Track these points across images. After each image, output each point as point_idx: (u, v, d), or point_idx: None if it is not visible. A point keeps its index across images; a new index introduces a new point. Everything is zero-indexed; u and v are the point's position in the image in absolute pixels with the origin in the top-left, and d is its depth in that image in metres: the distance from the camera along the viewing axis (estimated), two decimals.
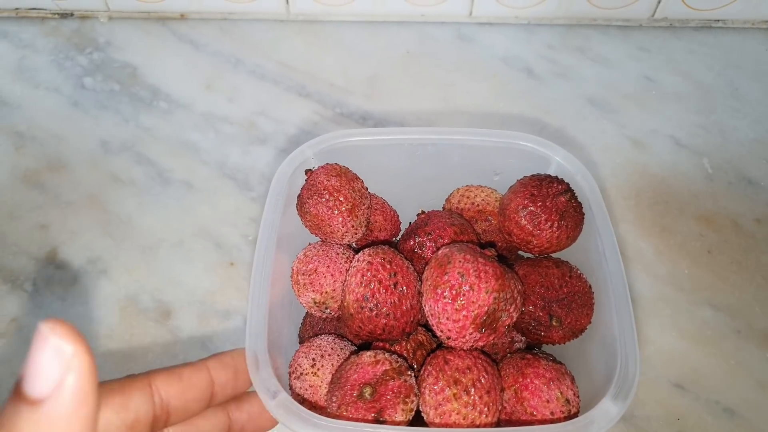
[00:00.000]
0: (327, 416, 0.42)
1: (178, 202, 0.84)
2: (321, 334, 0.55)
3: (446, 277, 0.45)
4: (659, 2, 1.02)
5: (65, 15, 1.05)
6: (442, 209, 0.61)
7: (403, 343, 0.51)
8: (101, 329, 0.73)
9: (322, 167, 0.54)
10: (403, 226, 0.62)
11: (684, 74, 0.99)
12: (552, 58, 1.01)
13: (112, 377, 0.70)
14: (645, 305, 0.76)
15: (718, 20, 1.05)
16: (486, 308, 0.44)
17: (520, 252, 0.60)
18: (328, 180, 0.53)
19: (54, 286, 0.76)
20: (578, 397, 0.47)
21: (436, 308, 0.46)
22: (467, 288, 0.44)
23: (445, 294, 0.45)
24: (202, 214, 0.83)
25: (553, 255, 0.55)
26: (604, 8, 1.03)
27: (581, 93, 0.97)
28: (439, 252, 0.48)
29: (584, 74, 0.99)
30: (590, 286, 0.51)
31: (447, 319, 0.45)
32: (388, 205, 0.61)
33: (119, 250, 0.79)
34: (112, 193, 0.85)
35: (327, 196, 0.52)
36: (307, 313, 0.61)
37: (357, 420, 0.43)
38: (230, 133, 0.91)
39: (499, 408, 0.46)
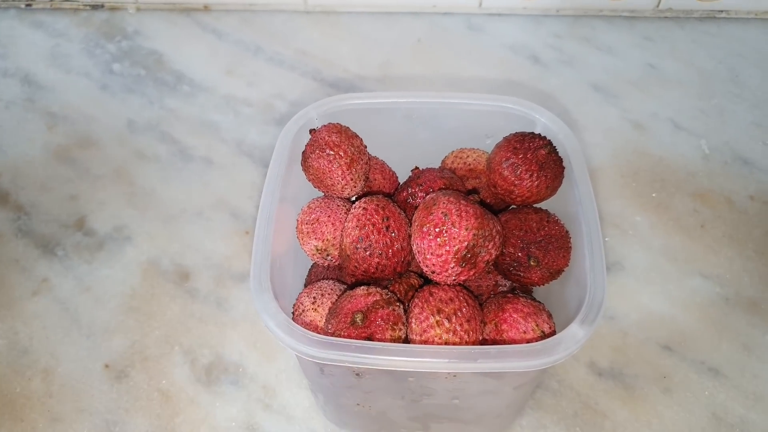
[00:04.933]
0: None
1: (198, 176, 0.90)
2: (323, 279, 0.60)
3: (431, 217, 0.49)
4: None
5: (96, 6, 1.11)
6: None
7: (396, 285, 0.55)
8: (125, 289, 0.78)
9: (325, 126, 0.59)
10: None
11: (686, 62, 1.03)
12: (558, 46, 1.05)
13: (133, 333, 0.75)
14: (638, 274, 0.79)
15: (722, 11, 1.08)
16: (466, 243, 0.48)
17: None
18: (330, 136, 0.57)
19: (82, 250, 0.82)
20: (554, 330, 0.51)
21: (422, 245, 0.50)
22: (449, 225, 0.48)
23: (429, 231, 0.49)
24: (220, 187, 0.88)
25: (535, 206, 0.59)
26: None
27: (585, 79, 1.01)
28: (427, 197, 0.52)
29: (589, 62, 1.03)
30: (567, 231, 0.55)
31: (431, 254, 0.49)
32: (387, 165, 0.66)
33: (143, 219, 0.85)
34: (137, 168, 0.90)
35: (328, 151, 0.57)
36: (312, 265, 0.66)
37: None
38: (249, 114, 0.97)
39: (479, 336, 0.50)
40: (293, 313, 0.56)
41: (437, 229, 0.49)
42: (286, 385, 0.71)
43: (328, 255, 0.59)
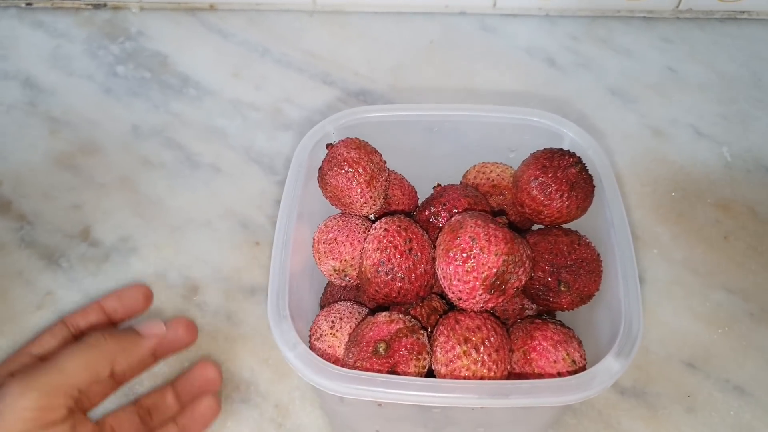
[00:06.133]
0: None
1: (205, 184, 0.87)
2: (340, 301, 0.57)
3: (458, 241, 0.47)
4: None
5: (98, 6, 1.09)
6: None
7: (418, 308, 0.53)
8: None
9: (343, 141, 0.56)
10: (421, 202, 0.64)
11: (707, 65, 1.00)
12: (575, 48, 1.03)
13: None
14: (660, 288, 0.77)
15: (744, 12, 1.05)
16: (495, 270, 0.46)
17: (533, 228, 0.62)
18: (348, 152, 0.55)
19: (87, 262, 0.80)
20: (585, 359, 0.49)
21: (448, 271, 0.48)
22: (477, 251, 0.46)
23: (456, 257, 0.47)
24: (228, 196, 0.86)
25: (564, 226, 0.56)
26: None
27: (603, 83, 0.98)
28: (452, 219, 0.50)
29: (606, 65, 1.01)
30: (598, 254, 0.53)
31: (458, 280, 0.47)
32: (407, 180, 0.63)
33: (149, 230, 0.82)
34: (142, 176, 0.88)
35: (346, 168, 0.54)
36: (328, 283, 0.64)
37: None
38: (257, 119, 0.94)
39: (507, 366, 0.48)
40: (310, 336, 0.54)
41: (464, 255, 0.46)
42: (299, 404, 0.69)
43: (346, 275, 0.56)
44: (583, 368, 0.48)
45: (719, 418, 0.68)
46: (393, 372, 0.46)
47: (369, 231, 0.54)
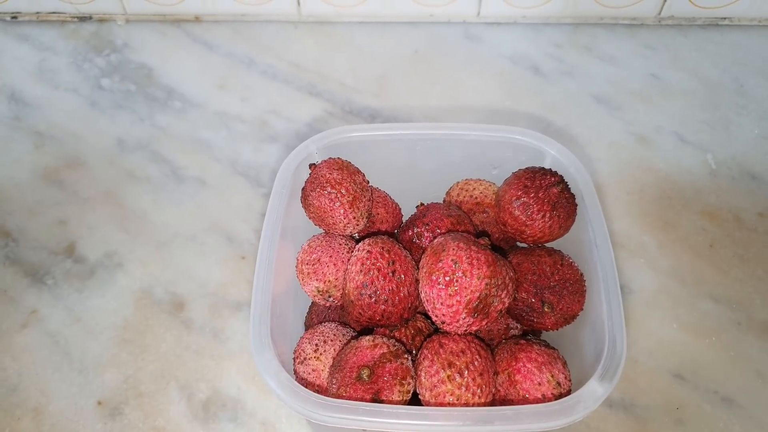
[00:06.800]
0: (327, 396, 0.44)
1: (191, 198, 0.87)
2: (325, 322, 0.57)
3: (440, 264, 0.47)
4: (666, 0, 1.03)
5: (84, 18, 1.08)
6: (442, 202, 0.63)
7: (403, 329, 0.53)
8: (117, 320, 0.76)
9: (325, 161, 0.56)
10: (405, 219, 0.64)
11: (690, 71, 1.01)
12: (559, 56, 1.03)
13: (126, 367, 0.73)
14: (647, 298, 0.77)
15: (725, 18, 1.06)
16: (478, 294, 0.46)
17: (517, 244, 0.62)
18: (330, 173, 0.55)
19: (72, 279, 0.79)
20: (569, 380, 0.49)
21: (431, 294, 0.48)
22: (460, 274, 0.46)
23: (439, 280, 0.47)
24: (214, 209, 0.86)
25: (547, 245, 0.56)
26: (611, 7, 1.04)
27: (587, 91, 0.98)
28: (435, 241, 0.50)
29: (590, 72, 1.01)
30: (582, 274, 0.53)
31: (441, 304, 0.47)
32: (390, 198, 0.63)
33: (135, 245, 0.82)
34: (128, 190, 0.87)
35: (329, 189, 0.54)
36: (312, 303, 0.63)
37: (355, 400, 0.46)
38: (242, 132, 0.94)
39: (492, 390, 0.48)
40: (294, 359, 0.54)
41: (447, 278, 0.46)
42: (286, 421, 0.69)
43: (330, 296, 0.56)
44: (568, 391, 0.48)
45: (708, 430, 0.68)
46: (377, 398, 0.46)
47: (352, 252, 0.54)
